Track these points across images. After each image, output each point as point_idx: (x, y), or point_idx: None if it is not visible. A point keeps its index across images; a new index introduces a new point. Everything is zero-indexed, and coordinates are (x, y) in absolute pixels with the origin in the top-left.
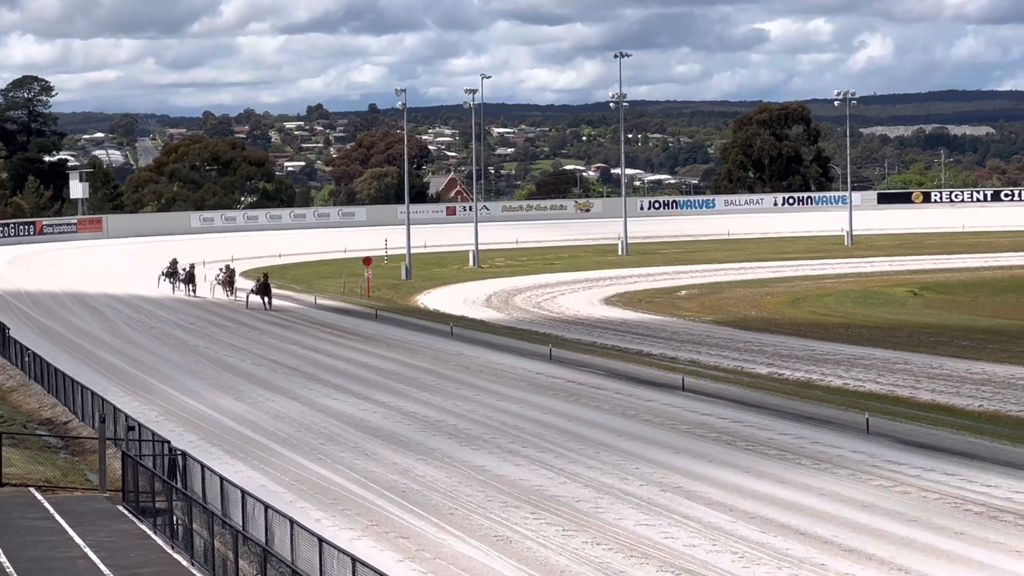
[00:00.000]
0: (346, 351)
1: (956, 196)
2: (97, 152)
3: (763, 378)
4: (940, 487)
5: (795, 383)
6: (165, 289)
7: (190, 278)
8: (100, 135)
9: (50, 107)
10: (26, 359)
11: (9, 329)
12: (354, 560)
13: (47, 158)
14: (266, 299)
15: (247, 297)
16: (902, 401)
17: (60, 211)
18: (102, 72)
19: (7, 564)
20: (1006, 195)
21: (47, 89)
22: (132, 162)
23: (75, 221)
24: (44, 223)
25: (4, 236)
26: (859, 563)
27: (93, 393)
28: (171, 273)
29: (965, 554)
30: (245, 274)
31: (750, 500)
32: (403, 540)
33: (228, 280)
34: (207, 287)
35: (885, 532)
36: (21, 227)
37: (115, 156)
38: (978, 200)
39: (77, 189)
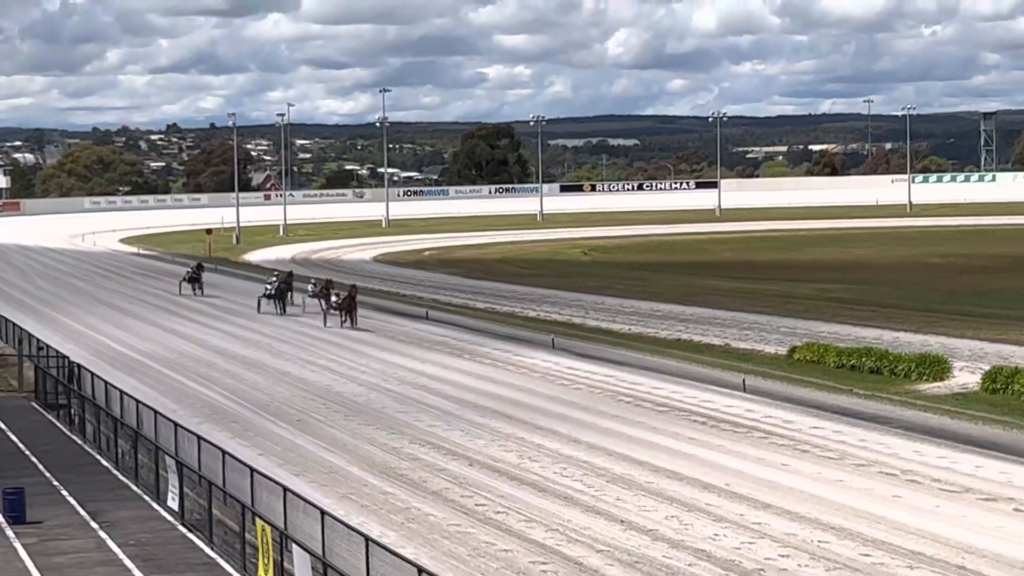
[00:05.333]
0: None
1: (613, 187)
2: (16, 155)
3: (481, 311)
4: (603, 384)
5: (503, 314)
6: (186, 292)
7: (281, 294)
8: (19, 143)
9: None
10: None
11: None
12: (199, 438)
13: None
14: (348, 315)
15: (324, 313)
16: (576, 326)
17: None
18: (20, 99)
19: None
20: (646, 186)
21: None
22: (42, 163)
23: (1, 204)
24: None
25: None
26: (547, 437)
27: (14, 324)
28: (193, 279)
29: (619, 430)
30: (126, 240)
31: (471, 394)
32: (233, 424)
33: (323, 293)
34: (301, 302)
35: (565, 415)
36: None
37: (29, 158)
38: (628, 190)
39: (2, 181)
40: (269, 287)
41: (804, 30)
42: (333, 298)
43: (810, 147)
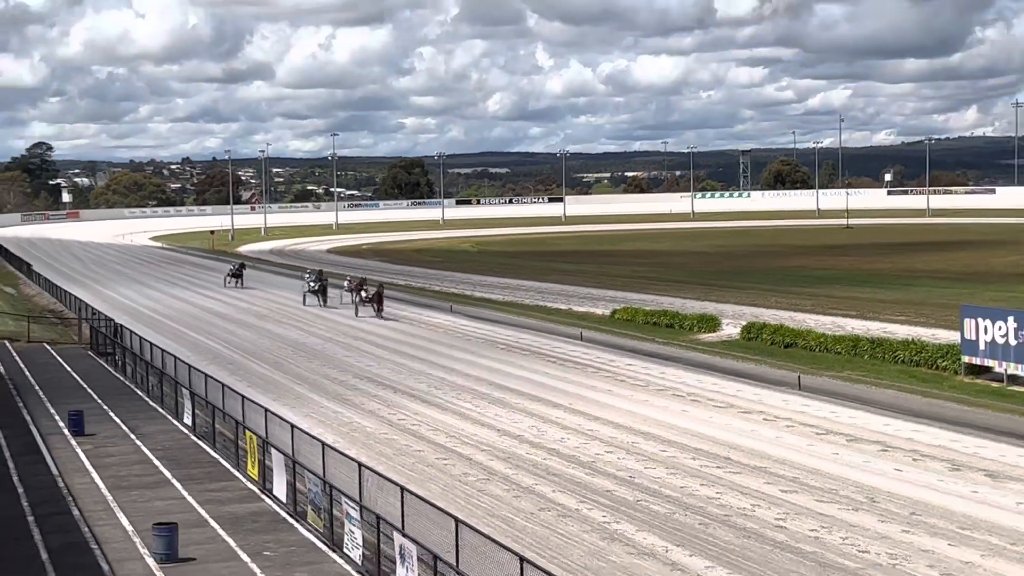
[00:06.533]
0: (203, 273)
1: (492, 201)
2: (76, 179)
3: (401, 286)
4: (485, 336)
5: (417, 289)
6: (230, 284)
7: (323, 289)
8: (78, 171)
9: (51, 157)
10: (38, 279)
11: (32, 265)
12: (206, 375)
13: (51, 182)
14: (376, 306)
15: (356, 305)
16: (467, 297)
17: (57, 209)
18: (79, 140)
19: (33, 381)
20: (515, 201)
21: (50, 148)
22: (94, 185)
23: (66, 213)
24: (49, 214)
25: (30, 221)
26: (447, 373)
27: (75, 296)
28: (236, 275)
29: (497, 367)
30: (154, 239)
31: (395, 343)
32: (229, 365)
33: (356, 288)
34: (338, 296)
35: (460, 358)
36: (38, 216)
37: (85, 181)
38: (502, 203)
39: (67, 197)
40: (312, 284)
41: (621, 94)
42: (363, 293)
43: (626, 173)
